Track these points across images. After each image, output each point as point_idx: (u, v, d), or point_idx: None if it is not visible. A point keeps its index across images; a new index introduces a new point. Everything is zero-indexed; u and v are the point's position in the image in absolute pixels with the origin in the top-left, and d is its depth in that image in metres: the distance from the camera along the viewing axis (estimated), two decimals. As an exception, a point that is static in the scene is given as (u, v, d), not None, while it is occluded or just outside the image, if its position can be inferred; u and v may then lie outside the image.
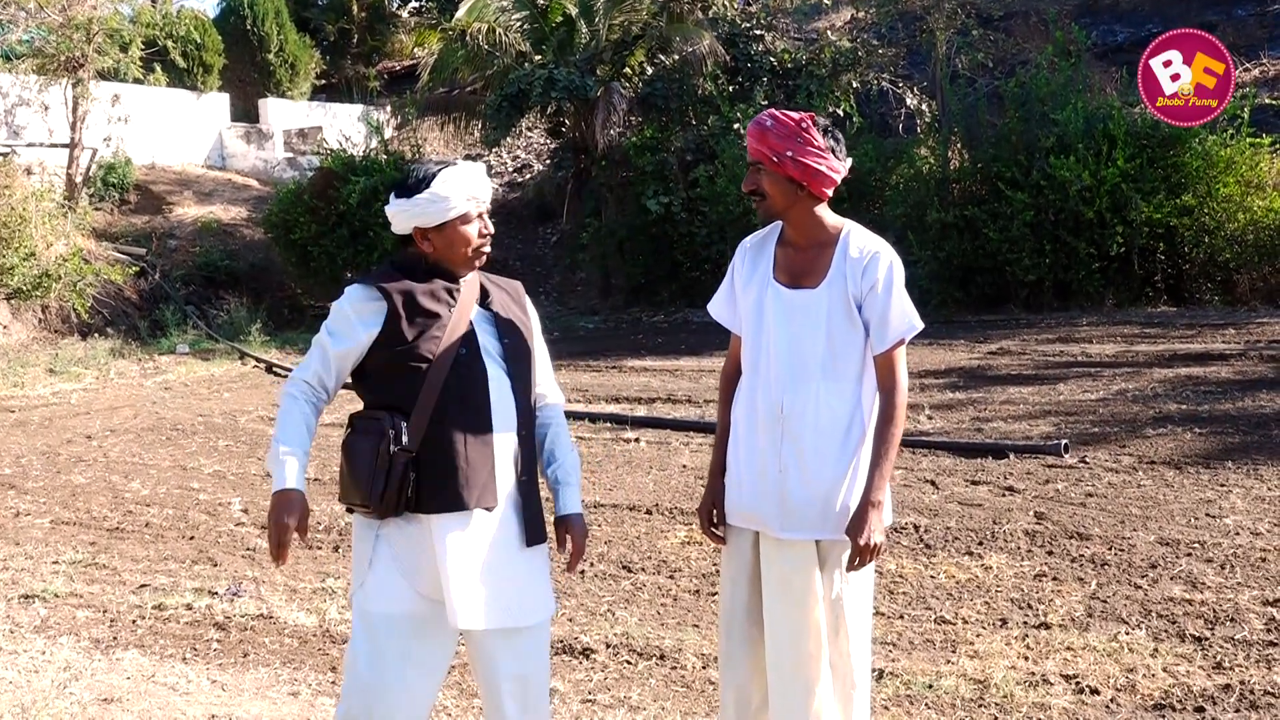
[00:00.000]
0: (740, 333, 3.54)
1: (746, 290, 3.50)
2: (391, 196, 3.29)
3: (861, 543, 3.23)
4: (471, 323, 3.28)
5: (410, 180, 3.26)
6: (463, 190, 3.24)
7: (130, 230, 21.88)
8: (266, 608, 6.03)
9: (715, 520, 3.56)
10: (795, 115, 3.34)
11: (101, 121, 21.97)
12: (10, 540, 7.56)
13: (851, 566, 3.28)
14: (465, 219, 3.26)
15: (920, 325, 3.36)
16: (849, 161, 3.41)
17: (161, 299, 20.10)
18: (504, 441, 3.25)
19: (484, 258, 3.33)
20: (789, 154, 3.29)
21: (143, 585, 6.53)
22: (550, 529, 3.42)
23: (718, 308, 3.64)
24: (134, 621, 5.96)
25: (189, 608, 6.09)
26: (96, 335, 18.23)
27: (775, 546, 3.37)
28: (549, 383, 3.50)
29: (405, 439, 3.14)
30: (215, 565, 6.88)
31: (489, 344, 3.29)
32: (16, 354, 16.65)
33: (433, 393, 3.17)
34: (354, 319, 3.22)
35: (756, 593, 3.43)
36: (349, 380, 3.34)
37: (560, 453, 3.49)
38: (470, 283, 3.34)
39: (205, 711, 4.78)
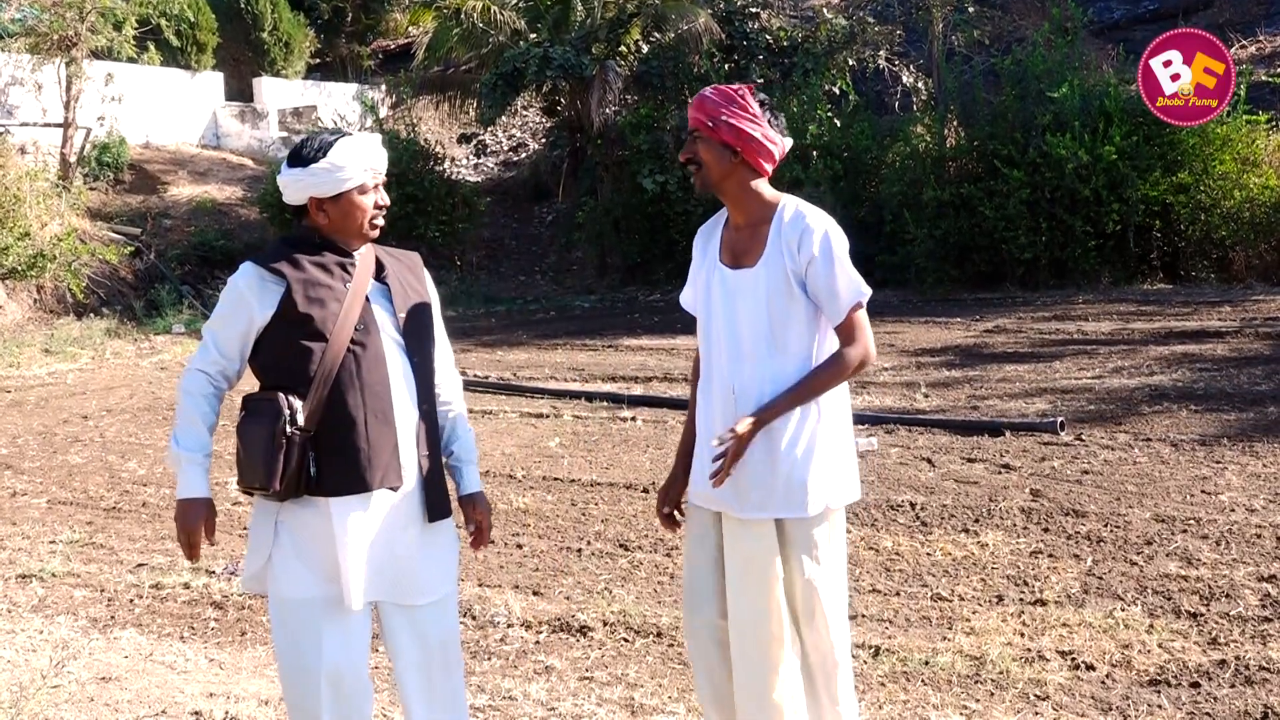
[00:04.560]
0: None
1: (698, 275, 3.53)
2: (284, 166, 3.23)
3: (731, 431, 3.20)
4: (368, 298, 3.23)
5: (305, 150, 3.19)
6: (359, 160, 3.19)
7: (125, 210, 21.81)
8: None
9: (670, 501, 3.60)
10: (734, 86, 3.37)
11: (95, 101, 21.85)
12: (7, 520, 7.57)
13: (714, 459, 3.25)
14: (362, 189, 3.22)
15: (868, 291, 3.33)
16: (789, 140, 3.40)
17: (157, 279, 20.05)
18: (406, 419, 3.21)
19: (378, 229, 3.29)
20: (723, 117, 3.29)
21: (140, 564, 6.54)
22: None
23: (685, 296, 3.64)
24: (131, 600, 5.97)
25: (186, 587, 6.10)
26: (92, 315, 18.18)
27: (736, 527, 3.36)
28: (446, 359, 3.46)
29: (301, 419, 3.08)
30: (212, 544, 6.85)
31: (385, 319, 3.24)
32: (12, 334, 16.62)
33: (329, 371, 3.11)
34: (249, 297, 3.17)
35: (720, 573, 3.42)
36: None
37: (460, 432, 3.45)
38: (365, 256, 3.29)
39: (203, 689, 4.80)
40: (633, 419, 9.91)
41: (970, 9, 20.92)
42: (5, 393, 12.76)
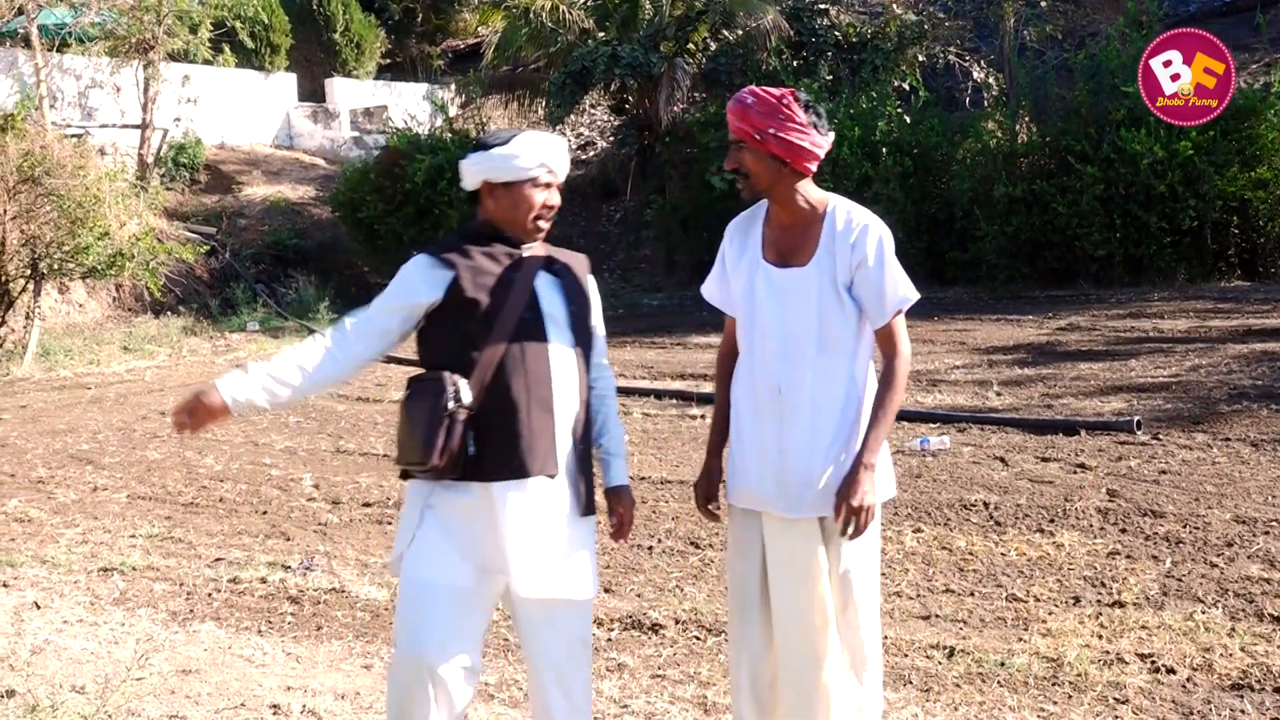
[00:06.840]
0: (734, 314, 3.54)
1: (737, 272, 3.51)
2: (468, 154, 3.31)
3: (854, 504, 3.20)
4: (535, 288, 3.27)
5: (489, 139, 3.29)
6: (537, 154, 3.25)
7: (201, 210, 22.17)
8: (339, 581, 6.11)
9: (709, 498, 3.58)
10: (776, 91, 3.32)
11: (171, 102, 22.25)
12: (89, 514, 7.72)
13: (843, 534, 3.24)
14: (535, 183, 3.26)
15: (916, 295, 3.33)
16: (831, 136, 3.38)
17: (232, 277, 20.36)
18: (565, 408, 3.24)
19: (544, 230, 3.33)
20: (771, 131, 3.26)
21: (218, 559, 6.65)
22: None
23: (710, 290, 3.64)
24: (210, 594, 6.06)
25: (263, 581, 6.19)
26: (169, 313, 18.53)
27: (779, 525, 3.36)
28: (602, 355, 3.50)
29: (466, 396, 3.11)
30: (288, 539, 6.97)
31: (554, 310, 3.28)
32: (92, 332, 16.98)
33: (495, 354, 3.15)
34: (417, 283, 3.24)
35: (764, 581, 3.42)
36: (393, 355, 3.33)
37: (610, 426, 3.49)
38: (535, 250, 3.34)
39: (281, 683, 4.86)
40: (702, 416, 9.89)
41: (1043, 3, 20.67)
42: (86, 389, 13.02)
